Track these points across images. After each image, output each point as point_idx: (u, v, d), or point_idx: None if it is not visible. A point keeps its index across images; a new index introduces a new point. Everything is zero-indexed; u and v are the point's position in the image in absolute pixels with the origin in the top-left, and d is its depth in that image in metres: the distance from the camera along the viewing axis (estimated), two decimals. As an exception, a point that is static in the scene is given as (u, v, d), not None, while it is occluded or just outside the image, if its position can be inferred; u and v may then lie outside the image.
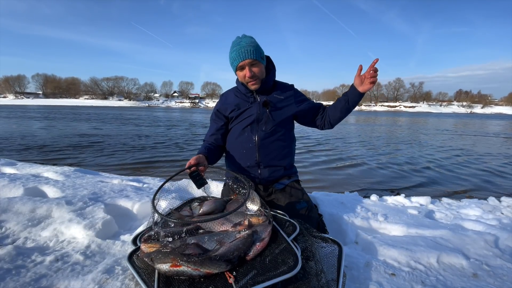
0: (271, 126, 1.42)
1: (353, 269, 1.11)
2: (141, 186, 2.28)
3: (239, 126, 1.46)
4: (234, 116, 1.46)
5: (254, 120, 1.42)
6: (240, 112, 1.45)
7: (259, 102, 1.43)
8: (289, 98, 1.48)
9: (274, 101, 1.44)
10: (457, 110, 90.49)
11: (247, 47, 1.31)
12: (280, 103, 1.45)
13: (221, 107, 1.52)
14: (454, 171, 5.14)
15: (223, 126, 1.52)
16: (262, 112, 1.42)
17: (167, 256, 0.81)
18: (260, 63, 1.37)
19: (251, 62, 1.33)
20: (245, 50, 1.31)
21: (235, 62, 1.35)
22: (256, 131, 1.42)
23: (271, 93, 1.47)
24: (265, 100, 1.43)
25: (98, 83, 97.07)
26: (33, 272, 1.00)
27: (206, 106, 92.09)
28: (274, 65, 1.50)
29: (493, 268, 1.17)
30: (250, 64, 1.34)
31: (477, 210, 2.18)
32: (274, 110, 1.43)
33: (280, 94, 1.47)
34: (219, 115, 1.52)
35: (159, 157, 5.84)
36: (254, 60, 1.33)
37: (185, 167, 1.19)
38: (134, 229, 1.48)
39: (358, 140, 9.70)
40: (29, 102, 71.11)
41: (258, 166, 1.44)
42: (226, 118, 1.51)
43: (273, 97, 1.45)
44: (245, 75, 1.36)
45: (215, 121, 1.54)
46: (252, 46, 1.32)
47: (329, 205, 1.85)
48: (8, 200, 1.61)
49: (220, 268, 0.79)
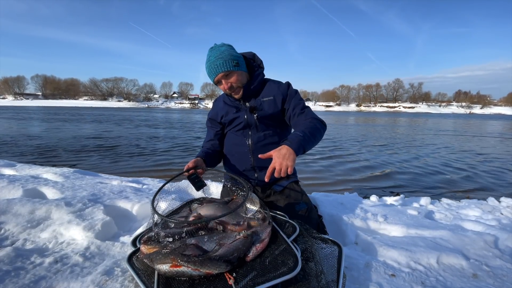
0: (262, 130, 1.41)
1: (353, 270, 1.11)
2: (140, 187, 2.28)
3: (233, 131, 1.46)
4: (226, 122, 1.46)
5: (245, 126, 1.41)
6: (230, 119, 1.43)
7: (247, 108, 1.40)
8: (279, 96, 1.39)
9: (262, 104, 1.38)
10: (456, 110, 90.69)
11: (216, 61, 1.28)
12: (269, 105, 1.38)
13: (212, 115, 1.53)
14: (454, 171, 5.15)
15: (218, 131, 1.52)
16: (250, 117, 1.39)
17: (167, 256, 0.81)
18: (236, 71, 1.31)
19: (223, 74, 1.29)
20: (214, 65, 1.28)
21: (211, 78, 1.34)
22: (249, 136, 1.41)
23: (259, 95, 1.40)
24: (251, 106, 1.38)
25: (97, 84, 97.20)
26: (32, 273, 0.99)
27: (205, 107, 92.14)
28: (260, 63, 1.43)
29: (493, 268, 1.17)
30: (224, 76, 1.30)
31: (477, 211, 2.19)
32: (262, 113, 1.37)
33: (269, 94, 1.40)
34: (213, 122, 1.53)
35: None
36: (227, 71, 1.29)
37: (184, 170, 1.20)
38: (134, 230, 1.48)
39: (358, 140, 9.71)
40: (28, 103, 71.02)
41: (254, 170, 1.44)
42: (221, 124, 1.51)
43: (260, 100, 1.39)
44: (224, 88, 1.34)
45: (210, 128, 1.56)
46: (221, 59, 1.27)
47: (329, 206, 1.85)
48: (7, 201, 1.61)
49: (220, 269, 0.79)
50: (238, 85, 1.33)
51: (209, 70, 1.31)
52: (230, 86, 1.31)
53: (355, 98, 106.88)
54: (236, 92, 1.36)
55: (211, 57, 1.30)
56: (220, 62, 1.27)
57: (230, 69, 1.29)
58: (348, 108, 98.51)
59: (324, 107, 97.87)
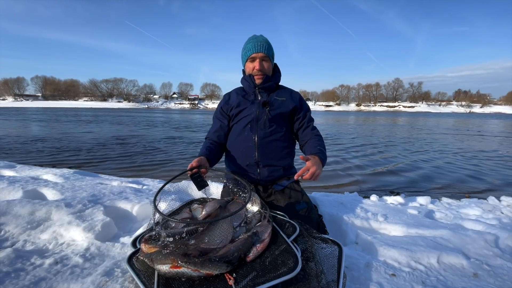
0: (270, 126, 1.44)
1: (354, 269, 1.11)
2: (140, 188, 2.28)
3: (239, 124, 1.48)
4: (234, 113, 1.50)
5: (253, 119, 1.44)
6: (239, 110, 1.48)
7: (259, 101, 1.46)
8: (290, 100, 1.50)
9: (274, 101, 1.48)
10: (456, 109, 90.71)
11: (263, 42, 1.44)
12: (280, 105, 1.48)
13: (224, 105, 1.57)
14: (454, 170, 5.15)
15: (225, 124, 1.55)
16: (261, 111, 1.45)
17: (167, 257, 0.81)
18: (270, 61, 1.47)
19: (263, 56, 1.44)
20: (261, 44, 1.43)
21: (249, 52, 1.45)
22: (255, 131, 1.44)
23: (273, 94, 1.51)
24: (265, 100, 1.47)
25: (97, 85, 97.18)
26: (33, 275, 0.99)
27: (205, 107, 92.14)
28: (279, 71, 1.58)
29: (494, 267, 1.17)
30: (262, 58, 1.44)
31: (477, 210, 2.18)
32: (273, 110, 1.45)
33: (282, 96, 1.51)
34: (223, 113, 1.56)
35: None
36: (266, 56, 1.44)
37: (187, 169, 1.20)
38: (134, 231, 1.47)
39: (358, 139, 9.71)
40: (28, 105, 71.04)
41: (257, 165, 1.45)
42: (229, 116, 1.54)
43: (273, 97, 1.49)
44: (254, 67, 1.44)
45: (219, 119, 1.58)
46: (268, 44, 1.45)
47: (329, 205, 1.85)
48: (7, 202, 1.60)
49: (220, 269, 0.79)
50: (266, 72, 1.47)
51: (253, 45, 1.43)
52: (261, 68, 1.44)
53: (355, 98, 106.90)
54: (261, 78, 1.46)
55: (260, 38, 1.46)
56: (266, 45, 1.44)
57: (270, 56, 1.46)
58: (348, 108, 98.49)
59: (324, 107, 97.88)
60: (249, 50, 1.44)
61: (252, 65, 1.45)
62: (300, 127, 1.53)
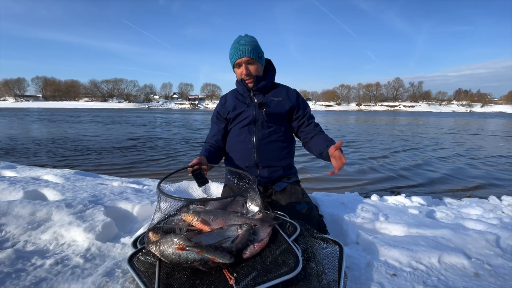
0: (268, 127, 1.43)
1: (354, 269, 1.11)
2: (141, 188, 2.28)
3: (237, 127, 1.48)
4: (232, 117, 1.49)
5: (251, 121, 1.44)
6: (237, 113, 1.47)
7: (255, 103, 1.45)
8: (287, 100, 1.48)
9: (270, 102, 1.45)
10: (456, 109, 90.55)
11: (246, 45, 1.37)
12: (277, 105, 1.46)
13: (220, 109, 1.55)
14: (455, 169, 5.14)
15: (222, 128, 1.54)
16: (258, 113, 1.43)
17: (174, 238, 0.83)
18: (257, 63, 1.41)
19: (248, 60, 1.38)
20: (243, 48, 1.36)
21: (233, 59, 1.41)
22: (254, 132, 1.43)
23: (269, 94, 1.48)
24: (261, 102, 1.44)
25: (97, 85, 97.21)
26: (33, 275, 0.99)
27: (206, 107, 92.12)
28: (274, 68, 1.54)
29: (495, 267, 1.17)
30: (247, 62, 1.39)
31: (478, 209, 2.18)
32: (270, 111, 1.44)
33: (278, 96, 1.48)
34: (219, 117, 1.55)
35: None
36: (251, 59, 1.38)
37: (188, 166, 1.21)
38: (134, 231, 1.47)
39: (358, 139, 9.70)
40: (29, 105, 71.09)
41: (257, 167, 1.45)
42: (226, 120, 1.53)
43: (269, 98, 1.47)
44: (241, 73, 1.41)
45: (216, 123, 1.57)
46: (251, 45, 1.37)
47: (330, 205, 1.85)
48: (8, 203, 1.61)
49: (224, 259, 0.80)
50: (254, 74, 1.42)
51: (235, 51, 1.38)
52: (248, 72, 1.40)
53: (355, 98, 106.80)
54: (251, 81, 1.43)
55: (241, 41, 1.39)
56: (249, 48, 1.37)
57: (255, 58, 1.39)
58: (348, 108, 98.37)
59: (324, 107, 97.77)
60: (233, 56, 1.40)
61: (239, 70, 1.42)
62: (300, 125, 1.51)
